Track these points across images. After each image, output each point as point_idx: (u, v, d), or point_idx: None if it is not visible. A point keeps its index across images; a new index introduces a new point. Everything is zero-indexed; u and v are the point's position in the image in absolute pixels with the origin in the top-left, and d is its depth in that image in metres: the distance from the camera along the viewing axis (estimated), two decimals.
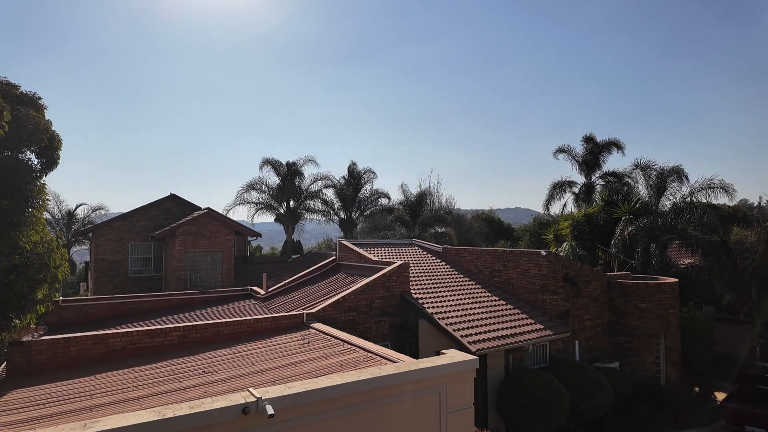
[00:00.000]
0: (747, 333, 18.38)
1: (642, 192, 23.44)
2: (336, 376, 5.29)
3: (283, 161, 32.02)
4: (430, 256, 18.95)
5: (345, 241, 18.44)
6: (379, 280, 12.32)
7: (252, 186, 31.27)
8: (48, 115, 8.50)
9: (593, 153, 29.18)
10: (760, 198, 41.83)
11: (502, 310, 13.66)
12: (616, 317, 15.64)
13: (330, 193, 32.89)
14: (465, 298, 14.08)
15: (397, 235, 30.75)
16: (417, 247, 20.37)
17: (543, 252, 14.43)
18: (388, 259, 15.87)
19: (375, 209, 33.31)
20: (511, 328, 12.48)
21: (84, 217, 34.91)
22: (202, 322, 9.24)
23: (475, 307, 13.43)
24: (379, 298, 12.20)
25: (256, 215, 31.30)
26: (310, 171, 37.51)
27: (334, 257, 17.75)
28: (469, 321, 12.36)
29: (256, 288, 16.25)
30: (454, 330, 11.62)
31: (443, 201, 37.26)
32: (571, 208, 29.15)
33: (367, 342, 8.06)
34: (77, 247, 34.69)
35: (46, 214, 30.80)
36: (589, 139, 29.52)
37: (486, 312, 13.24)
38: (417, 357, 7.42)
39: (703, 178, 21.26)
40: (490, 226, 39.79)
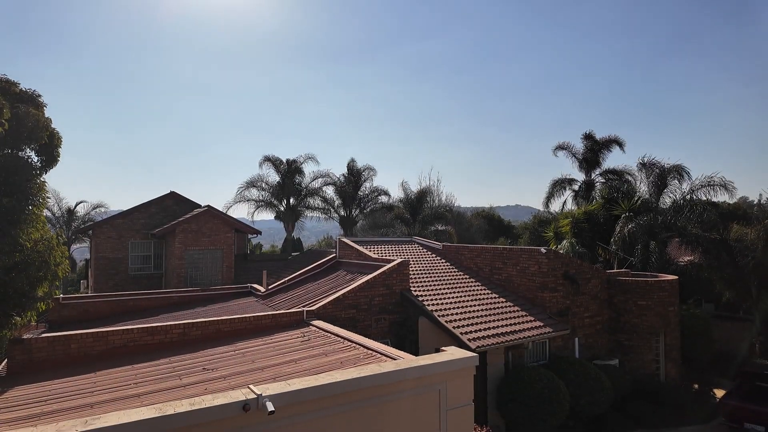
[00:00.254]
0: (746, 330, 18.40)
1: (642, 189, 23.45)
2: (336, 373, 5.31)
3: (284, 159, 32.03)
4: (430, 253, 18.97)
5: (345, 239, 18.44)
6: (379, 278, 12.33)
7: (252, 183, 31.26)
8: (47, 112, 8.51)
9: (593, 150, 29.17)
10: (760, 195, 41.87)
11: (502, 307, 13.68)
12: (615, 314, 15.66)
13: (330, 191, 32.91)
14: (465, 296, 14.09)
15: (397, 233, 30.75)
16: (417, 245, 20.38)
17: (543, 249, 14.44)
18: (388, 257, 15.88)
19: (375, 207, 33.30)
20: (510, 325, 12.50)
21: (84, 215, 34.92)
22: (202, 320, 9.26)
23: (475, 305, 13.45)
24: (379, 295, 12.21)
25: (256, 213, 31.33)
26: (310, 168, 37.49)
27: (334, 255, 17.75)
28: (469, 318, 12.38)
29: (256, 285, 16.26)
30: (454, 327, 11.64)
31: (443, 198, 37.29)
32: (571, 205, 29.16)
33: (367, 339, 8.08)
34: (77, 245, 34.70)
35: (47, 212, 30.78)
36: (589, 137, 29.50)
37: (486, 309, 13.26)
38: (417, 354, 7.43)
39: (703, 176, 21.27)
40: (490, 223, 39.81)
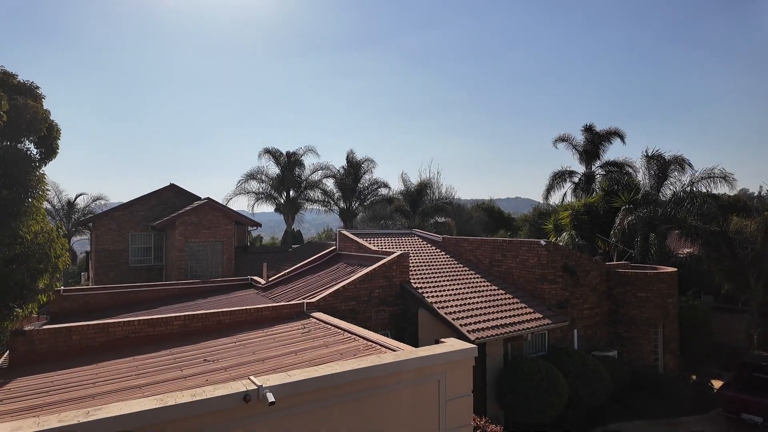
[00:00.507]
0: (745, 322, 18.50)
1: (642, 182, 23.43)
2: (336, 364, 5.34)
3: (283, 151, 31.96)
4: (429, 246, 18.99)
5: (345, 231, 18.46)
6: (379, 270, 12.36)
7: (252, 176, 31.23)
8: (46, 104, 8.47)
9: (593, 143, 29.10)
10: (760, 187, 41.85)
11: (501, 299, 13.72)
12: (614, 306, 15.72)
13: (330, 183, 32.88)
14: (464, 288, 14.13)
15: (396, 225, 30.78)
16: (417, 237, 20.41)
17: (542, 242, 14.46)
18: (387, 249, 15.91)
19: (375, 199, 33.29)
20: (510, 317, 12.55)
21: (84, 207, 34.90)
22: (203, 312, 9.29)
23: (474, 297, 13.49)
24: (378, 287, 12.25)
25: (256, 205, 31.34)
26: (310, 161, 37.48)
27: (334, 247, 17.78)
28: (468, 310, 12.43)
29: (256, 278, 16.30)
30: (453, 319, 11.69)
31: (443, 191, 37.24)
32: (571, 197, 29.15)
33: (367, 331, 8.11)
34: (78, 237, 34.74)
35: (46, 204, 30.78)
36: (589, 129, 29.41)
37: (485, 301, 13.30)
38: (416, 346, 7.47)
39: (703, 169, 21.29)
40: (490, 215, 39.81)
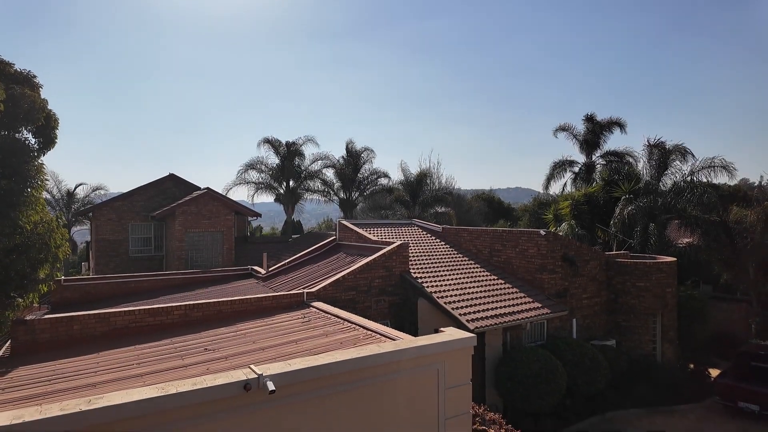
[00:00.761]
0: (743, 311, 18.58)
1: (643, 171, 23.38)
2: (336, 353, 5.36)
3: (283, 141, 31.85)
4: (429, 236, 19.01)
5: (345, 221, 18.47)
6: (378, 260, 12.38)
7: (252, 166, 31.16)
8: (43, 94, 8.42)
9: (594, 132, 29.01)
10: (761, 177, 41.72)
11: (501, 289, 13.77)
12: (613, 296, 15.78)
13: (330, 173, 32.82)
14: (464, 278, 14.18)
15: (396, 215, 30.79)
16: (417, 227, 20.42)
17: (542, 232, 14.47)
18: (387, 239, 15.92)
19: (375, 189, 33.25)
20: (509, 306, 12.61)
21: (84, 197, 34.89)
22: (203, 301, 9.32)
23: (473, 287, 13.54)
24: (378, 277, 12.28)
25: (255, 195, 31.31)
26: (310, 151, 37.37)
27: (334, 237, 17.80)
28: (467, 300, 12.48)
29: (256, 267, 16.34)
30: (452, 308, 11.74)
31: (443, 181, 37.18)
32: (571, 187, 29.13)
33: (366, 320, 8.15)
34: (78, 227, 34.77)
35: (46, 194, 30.74)
36: (590, 119, 29.31)
37: (484, 291, 13.35)
38: (416, 335, 7.51)
39: (703, 158, 21.22)
40: (490, 206, 39.81)
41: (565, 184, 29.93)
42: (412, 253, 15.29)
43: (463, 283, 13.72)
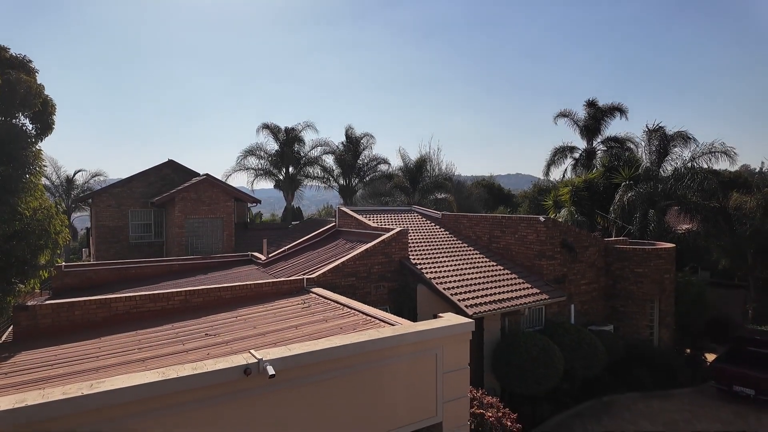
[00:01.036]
0: (740, 297, 18.70)
1: (643, 157, 23.27)
2: (336, 338, 5.41)
3: (282, 126, 31.65)
4: (429, 222, 19.03)
5: (344, 208, 18.46)
6: (378, 246, 12.41)
7: (251, 152, 31.00)
8: (40, 79, 8.34)
9: (595, 118, 28.82)
10: (762, 163, 41.59)
11: (500, 275, 13.83)
12: (612, 282, 15.86)
13: (329, 160, 32.69)
14: (463, 264, 14.23)
15: (396, 202, 30.76)
16: (416, 214, 20.43)
17: (541, 218, 14.48)
18: (387, 226, 15.93)
19: (374, 175, 33.17)
20: (507, 292, 12.67)
21: (83, 183, 34.82)
22: (203, 287, 9.37)
23: (472, 273, 13.59)
24: (378, 263, 12.32)
25: (255, 181, 31.22)
26: (309, 137, 37.17)
27: (334, 224, 17.81)
28: (466, 286, 12.54)
29: (256, 254, 16.38)
30: (451, 294, 11.81)
31: (443, 167, 37.10)
32: (571, 174, 29.05)
33: (366, 306, 8.20)
34: (78, 214, 34.76)
35: (45, 181, 30.65)
36: (591, 104, 29.09)
37: (483, 277, 13.41)
38: (415, 320, 7.57)
39: (704, 143, 20.96)
40: (489, 192, 39.78)
41: (565, 170, 29.86)
42: (412, 239, 15.32)
43: (462, 269, 13.77)
